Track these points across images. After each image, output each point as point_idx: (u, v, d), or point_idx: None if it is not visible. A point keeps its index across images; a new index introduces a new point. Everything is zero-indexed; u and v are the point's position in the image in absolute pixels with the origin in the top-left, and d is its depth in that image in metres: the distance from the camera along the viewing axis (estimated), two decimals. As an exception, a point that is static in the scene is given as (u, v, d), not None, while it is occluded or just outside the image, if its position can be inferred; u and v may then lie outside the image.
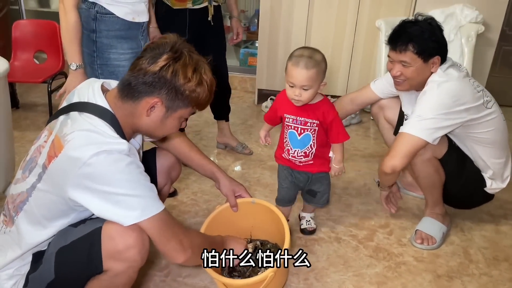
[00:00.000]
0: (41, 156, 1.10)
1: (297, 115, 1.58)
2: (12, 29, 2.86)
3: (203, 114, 2.96)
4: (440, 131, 1.60)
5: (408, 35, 1.60)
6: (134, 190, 1.04)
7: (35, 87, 3.26)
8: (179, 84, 1.08)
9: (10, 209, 1.17)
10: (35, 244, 1.14)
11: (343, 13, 2.94)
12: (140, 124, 1.14)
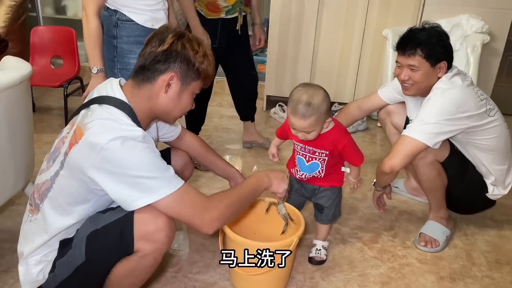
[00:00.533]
0: (63, 146, 1.19)
1: (305, 144, 1.56)
2: (30, 35, 2.96)
3: (213, 119, 3.04)
4: (441, 136, 1.65)
5: (417, 40, 1.66)
6: (150, 173, 1.11)
7: (50, 91, 3.36)
8: (190, 55, 1.18)
9: (35, 198, 1.24)
10: (61, 229, 1.21)
11: (351, 22, 3.01)
12: (158, 105, 1.22)
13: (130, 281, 1.24)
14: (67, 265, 1.21)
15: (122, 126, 1.13)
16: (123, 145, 1.09)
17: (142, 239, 1.15)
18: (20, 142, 1.61)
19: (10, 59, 1.69)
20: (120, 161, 1.09)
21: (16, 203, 1.96)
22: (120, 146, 1.09)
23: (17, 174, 1.61)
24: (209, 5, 2.17)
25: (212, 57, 1.24)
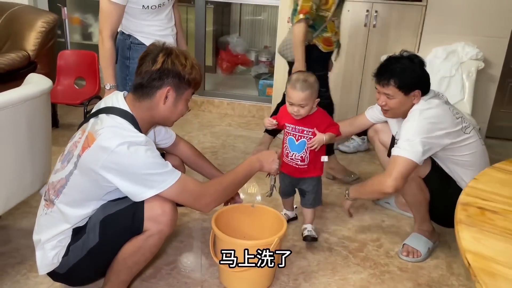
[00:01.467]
0: (76, 149, 1.39)
1: (295, 125, 1.89)
2: (58, 58, 3.25)
3: (220, 137, 3.23)
4: (426, 153, 1.75)
5: (391, 71, 1.81)
6: (153, 170, 1.33)
7: (73, 110, 3.63)
8: (179, 70, 1.38)
9: (50, 194, 1.44)
10: (80, 219, 1.42)
11: (352, 48, 3.18)
12: (157, 114, 1.43)
13: (135, 259, 1.42)
14: (81, 248, 1.41)
15: (128, 133, 1.33)
16: (129, 149, 1.30)
17: (150, 220, 1.37)
18: (39, 147, 1.82)
19: (34, 76, 1.93)
20: (127, 162, 1.30)
21: (33, 206, 2.17)
22: (127, 149, 1.29)
23: (34, 175, 1.82)
24: (325, 41, 2.39)
25: (198, 66, 1.44)
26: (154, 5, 1.94)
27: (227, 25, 4.85)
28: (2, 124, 1.56)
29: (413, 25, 3.04)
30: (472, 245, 0.81)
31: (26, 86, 1.78)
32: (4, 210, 1.71)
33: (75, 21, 4.01)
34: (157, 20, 2.01)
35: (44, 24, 2.95)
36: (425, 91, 1.85)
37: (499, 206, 1.02)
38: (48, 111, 1.89)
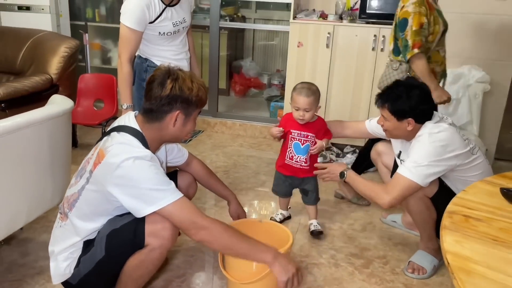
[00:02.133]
0: (89, 165, 1.49)
1: (300, 130, 2.14)
2: (78, 81, 3.42)
3: (232, 157, 3.32)
4: (432, 176, 1.80)
5: (387, 96, 1.90)
6: (155, 185, 1.38)
7: (91, 131, 3.78)
8: (187, 94, 1.45)
9: (65, 207, 1.54)
10: (89, 232, 1.50)
11: (360, 74, 3.28)
12: (167, 135, 1.52)
13: (139, 273, 1.48)
14: (90, 261, 1.48)
15: (134, 149, 1.42)
16: (134, 163, 1.37)
17: (151, 236, 1.42)
18: (59, 164, 1.94)
19: (57, 97, 2.06)
20: (131, 175, 1.37)
21: (52, 221, 2.26)
22: (132, 164, 1.37)
23: (54, 190, 1.93)
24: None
25: (203, 86, 1.51)
26: (169, 32, 2.08)
27: (240, 50, 5.01)
28: (27, 140, 1.68)
29: (420, 49, 3.12)
30: (453, 247, 0.88)
31: (49, 106, 1.91)
32: (26, 222, 1.81)
33: (96, 47, 4.21)
34: (173, 45, 2.15)
35: (67, 49, 3.13)
36: (424, 119, 1.88)
37: (483, 214, 1.08)
38: (69, 130, 2.01)
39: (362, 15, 3.20)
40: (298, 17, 3.37)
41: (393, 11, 3.10)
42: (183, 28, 2.16)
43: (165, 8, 2.06)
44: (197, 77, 1.53)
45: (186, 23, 2.18)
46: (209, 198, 2.58)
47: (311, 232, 2.23)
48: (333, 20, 3.29)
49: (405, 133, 1.91)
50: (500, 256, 0.91)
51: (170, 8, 2.08)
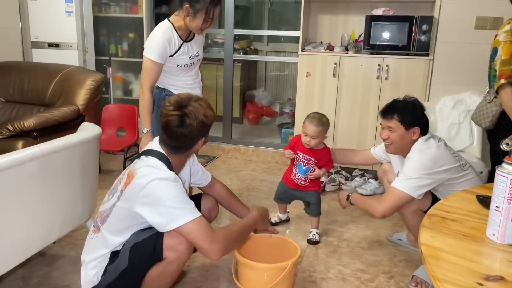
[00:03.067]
0: (120, 185, 1.68)
1: (305, 153, 2.43)
2: (102, 111, 3.68)
3: (246, 181, 3.49)
4: (423, 188, 1.97)
5: (395, 108, 2.09)
6: (176, 204, 1.55)
7: (113, 158, 4.01)
8: (208, 124, 1.66)
9: (98, 221, 1.72)
10: (116, 245, 1.67)
11: (366, 100, 3.46)
12: (190, 154, 1.74)
13: (158, 283, 1.64)
14: (115, 270, 1.65)
15: (160, 171, 1.61)
16: (159, 183, 1.56)
17: (169, 249, 1.58)
18: (88, 184, 2.14)
19: (86, 124, 2.29)
20: (156, 195, 1.55)
21: (79, 239, 2.46)
22: (157, 184, 1.56)
23: (83, 208, 2.12)
24: None
25: (206, 101, 1.67)
26: (186, 64, 2.32)
27: (253, 80, 5.27)
28: (62, 162, 1.89)
29: (422, 77, 3.30)
30: (427, 241, 1.03)
31: (80, 132, 2.12)
32: (58, 237, 2.00)
33: (118, 79, 4.50)
34: (188, 76, 2.39)
35: (93, 82, 3.39)
36: (424, 131, 2.07)
37: (458, 216, 1.23)
38: (97, 154, 2.22)
39: (366, 46, 3.41)
40: (306, 49, 3.60)
41: (395, 42, 3.33)
42: (197, 60, 2.41)
43: (182, 43, 2.30)
44: (199, 97, 1.68)
45: (199, 56, 2.42)
46: (224, 219, 2.75)
47: (308, 240, 2.49)
48: (339, 52, 3.50)
49: (409, 144, 2.06)
50: (466, 247, 1.08)
51: (186, 43, 2.32)
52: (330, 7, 3.78)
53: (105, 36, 4.50)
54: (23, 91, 3.51)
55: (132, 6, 4.28)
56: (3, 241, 1.64)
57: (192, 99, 1.65)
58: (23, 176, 1.68)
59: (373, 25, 3.35)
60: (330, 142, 3.60)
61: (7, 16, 4.10)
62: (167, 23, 2.28)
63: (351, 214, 2.94)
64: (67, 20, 3.83)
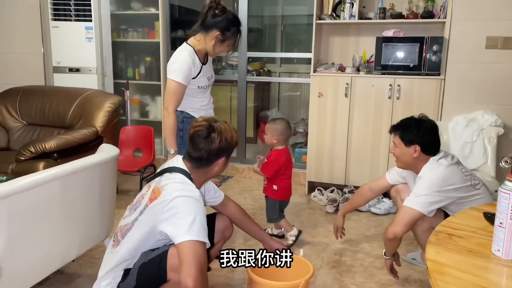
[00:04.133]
0: (143, 200, 1.71)
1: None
2: (120, 133, 3.78)
3: (259, 200, 3.52)
4: (433, 205, 1.99)
5: (399, 125, 2.16)
6: (197, 220, 1.56)
7: (130, 178, 4.10)
8: (231, 144, 1.73)
9: (118, 235, 1.76)
10: (121, 261, 1.69)
11: (378, 119, 3.49)
12: (210, 175, 1.78)
13: None
14: None
15: (188, 187, 1.66)
16: (184, 200, 1.59)
17: (172, 271, 1.60)
18: (106, 204, 2.21)
19: (105, 145, 2.37)
20: (178, 208, 1.58)
21: (96, 258, 2.51)
22: (183, 200, 1.59)
23: (102, 227, 2.18)
24: None
25: (234, 128, 1.78)
26: (205, 86, 2.43)
27: (267, 101, 5.36)
28: (82, 182, 1.97)
29: (434, 96, 3.33)
30: (433, 256, 1.05)
31: (100, 153, 2.21)
32: (77, 255, 2.06)
33: (135, 102, 4.63)
34: (205, 97, 2.48)
35: (111, 105, 3.51)
36: (427, 150, 2.09)
37: (465, 233, 1.25)
38: (115, 174, 2.30)
39: (377, 67, 3.46)
40: (318, 70, 3.67)
41: (406, 62, 3.38)
42: (211, 82, 2.51)
43: (202, 66, 2.40)
44: (231, 124, 1.78)
45: (213, 78, 2.54)
46: (238, 238, 2.78)
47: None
48: (351, 72, 3.56)
49: (412, 160, 2.11)
50: (472, 263, 1.10)
51: (204, 66, 2.42)
52: (341, 29, 3.86)
53: (123, 60, 4.65)
54: (45, 114, 3.64)
55: (149, 31, 4.43)
56: (25, 259, 1.71)
57: (226, 124, 1.76)
58: (45, 196, 1.75)
59: (384, 46, 3.41)
60: (342, 162, 3.63)
61: (30, 43, 4.28)
62: (188, 46, 2.37)
63: (364, 234, 2.94)
64: (87, 45, 3.99)
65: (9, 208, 1.58)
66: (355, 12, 3.52)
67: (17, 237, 1.64)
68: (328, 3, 3.71)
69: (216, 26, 2.29)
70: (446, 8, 3.33)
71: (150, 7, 4.35)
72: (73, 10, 3.95)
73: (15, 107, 3.73)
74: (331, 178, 3.69)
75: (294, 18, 6.01)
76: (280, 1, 5.76)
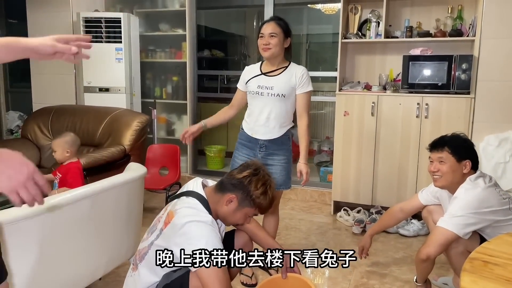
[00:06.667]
0: (159, 223, 1.73)
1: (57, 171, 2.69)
2: (147, 151, 3.84)
3: (284, 220, 3.49)
4: (469, 227, 1.92)
5: (445, 140, 2.10)
6: (209, 246, 1.55)
7: (155, 196, 4.14)
8: (251, 190, 1.67)
9: (136, 259, 1.78)
10: (150, 284, 1.70)
11: (406, 138, 3.43)
12: (220, 211, 1.72)
13: None
14: None
15: (199, 213, 1.65)
16: (196, 225, 1.59)
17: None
18: (133, 222, 2.23)
19: (133, 164, 2.41)
20: (191, 235, 1.57)
21: (122, 276, 2.53)
22: (194, 226, 1.59)
23: (128, 245, 2.20)
24: None
25: (271, 194, 1.69)
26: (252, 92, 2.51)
27: (293, 120, 5.35)
28: (109, 201, 2.00)
29: (464, 115, 3.25)
30: (469, 285, 1.01)
31: (127, 172, 2.24)
32: (104, 273, 2.08)
33: (162, 120, 4.71)
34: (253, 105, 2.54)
35: (139, 123, 3.58)
36: (474, 165, 2.03)
37: (501, 260, 1.19)
38: (142, 193, 2.33)
39: (404, 85, 3.42)
40: (343, 89, 3.65)
41: (434, 81, 3.33)
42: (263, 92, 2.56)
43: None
44: (273, 187, 1.73)
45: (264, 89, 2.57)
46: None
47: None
48: (377, 91, 3.53)
49: (459, 177, 2.03)
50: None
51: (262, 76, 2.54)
52: (367, 48, 3.85)
53: (150, 80, 4.76)
54: (75, 132, 3.71)
55: (176, 52, 4.53)
56: (53, 278, 1.73)
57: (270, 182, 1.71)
58: (74, 214, 1.79)
59: (411, 65, 3.37)
60: (369, 182, 3.56)
61: (63, 63, 4.42)
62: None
63: (393, 256, 2.86)
64: (117, 66, 4.10)
65: (40, 227, 1.61)
66: (381, 31, 3.51)
67: (47, 256, 1.67)
68: (354, 22, 3.72)
69: None
70: (475, 26, 3.27)
71: (178, 28, 4.45)
72: (104, 32, 4.08)
73: (47, 126, 3.85)
74: (358, 198, 3.63)
75: (319, 37, 6.04)
76: (305, 20, 5.81)
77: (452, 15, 3.49)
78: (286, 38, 2.44)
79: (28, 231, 1.58)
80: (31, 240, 1.59)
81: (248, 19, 5.93)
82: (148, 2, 4.64)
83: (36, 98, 4.56)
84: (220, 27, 5.90)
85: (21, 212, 1.55)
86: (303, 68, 2.48)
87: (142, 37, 4.42)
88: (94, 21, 4.07)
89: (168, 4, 4.52)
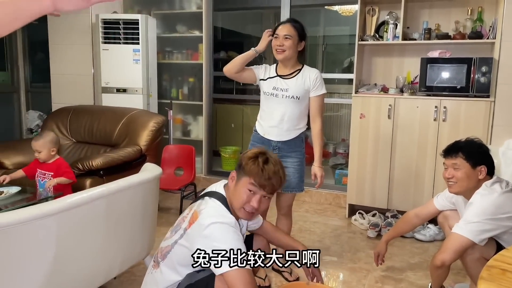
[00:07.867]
0: (184, 223, 1.74)
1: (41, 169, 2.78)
2: (163, 151, 3.87)
3: (298, 222, 3.47)
4: (485, 233, 1.88)
5: (459, 146, 2.06)
6: (231, 247, 1.56)
7: (171, 196, 4.17)
8: (243, 163, 1.71)
9: (158, 256, 1.79)
10: (172, 282, 1.71)
11: (423, 141, 3.38)
12: (230, 197, 1.73)
13: None
14: None
15: (223, 213, 1.67)
16: (219, 227, 1.61)
17: None
18: (148, 222, 2.25)
19: (149, 165, 2.43)
20: (215, 237, 1.58)
21: (137, 275, 2.55)
22: (218, 227, 1.61)
23: (143, 245, 2.22)
24: None
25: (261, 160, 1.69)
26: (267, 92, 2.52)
27: (307, 121, 5.33)
28: (125, 201, 2.02)
29: (483, 118, 3.19)
30: (486, 295, 0.98)
31: (143, 172, 2.26)
32: (119, 272, 2.10)
33: (178, 121, 4.74)
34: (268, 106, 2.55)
35: (155, 124, 3.61)
36: (490, 171, 2.00)
37: None
38: (157, 193, 2.34)
39: (422, 88, 3.37)
40: (360, 91, 3.62)
41: (452, 83, 3.28)
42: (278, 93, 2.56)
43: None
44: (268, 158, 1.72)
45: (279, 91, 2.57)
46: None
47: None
48: (394, 93, 3.49)
49: (475, 183, 1.99)
50: None
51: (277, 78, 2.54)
52: (384, 50, 3.81)
53: (167, 81, 4.80)
54: (93, 132, 3.80)
55: (193, 53, 4.55)
56: (70, 276, 1.76)
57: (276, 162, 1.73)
58: (91, 213, 1.81)
59: (429, 67, 3.32)
60: (385, 185, 3.53)
61: (82, 64, 4.51)
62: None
63: (408, 261, 2.82)
64: (134, 67, 4.15)
65: (58, 225, 1.64)
66: (398, 33, 3.47)
67: (64, 254, 1.69)
68: (371, 24, 3.69)
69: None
70: (496, 28, 3.21)
71: (195, 29, 4.48)
72: (122, 33, 4.13)
73: (66, 126, 3.92)
74: (373, 201, 3.59)
75: (336, 39, 6.01)
76: (321, 22, 5.79)
77: (472, 17, 3.43)
78: (301, 41, 2.43)
79: (45, 229, 1.61)
80: (48, 239, 1.62)
81: (264, 20, 5.93)
82: (166, 3, 4.68)
83: (55, 98, 4.64)
84: (236, 28, 5.92)
85: (38, 210, 1.58)
86: (316, 71, 2.48)
87: (159, 39, 4.46)
88: (112, 23, 4.13)
89: (185, 5, 4.56)
